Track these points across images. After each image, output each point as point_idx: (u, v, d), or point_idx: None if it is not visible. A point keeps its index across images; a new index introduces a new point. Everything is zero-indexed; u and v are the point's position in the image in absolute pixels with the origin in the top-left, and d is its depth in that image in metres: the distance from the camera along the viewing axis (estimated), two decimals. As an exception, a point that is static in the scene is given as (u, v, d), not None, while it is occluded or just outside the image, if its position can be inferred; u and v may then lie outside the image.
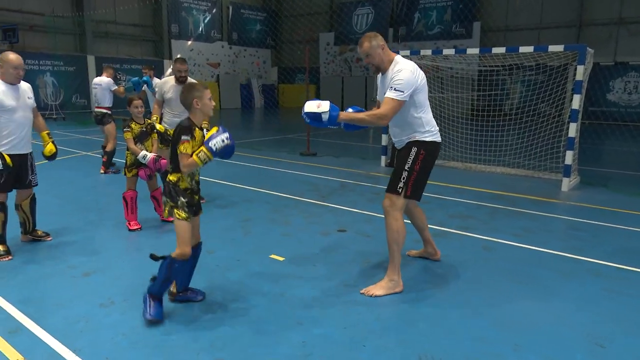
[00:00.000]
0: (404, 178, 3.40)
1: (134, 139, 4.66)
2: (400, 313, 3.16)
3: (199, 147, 2.91)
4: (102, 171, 7.56)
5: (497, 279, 3.70)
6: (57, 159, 4.51)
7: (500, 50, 7.34)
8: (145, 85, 7.23)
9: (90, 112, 19.01)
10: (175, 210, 2.96)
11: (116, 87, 7.96)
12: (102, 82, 7.90)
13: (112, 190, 6.45)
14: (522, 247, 4.43)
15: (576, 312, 3.18)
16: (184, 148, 2.89)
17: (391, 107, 3.25)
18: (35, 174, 4.28)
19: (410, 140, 3.46)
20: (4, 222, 4.03)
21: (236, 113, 23.04)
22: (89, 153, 9.54)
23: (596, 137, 12.69)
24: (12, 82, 3.94)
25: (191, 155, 2.89)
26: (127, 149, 4.71)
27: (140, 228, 4.74)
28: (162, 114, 5.59)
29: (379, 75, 3.55)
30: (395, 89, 3.23)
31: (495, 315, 3.11)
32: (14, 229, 4.29)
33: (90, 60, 20.07)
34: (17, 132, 3.99)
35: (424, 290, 3.49)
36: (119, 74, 7.87)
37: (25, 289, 3.39)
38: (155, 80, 7.26)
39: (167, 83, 5.60)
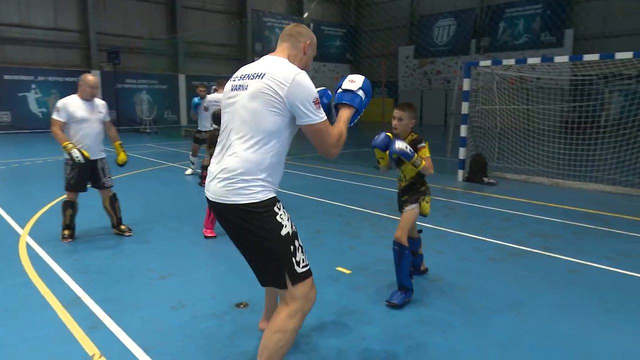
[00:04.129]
0: None
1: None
2: (473, 338, 2.96)
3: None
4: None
5: (584, 306, 3.35)
6: (148, 169, 4.95)
7: (594, 57, 6.78)
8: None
9: (181, 127, 20.35)
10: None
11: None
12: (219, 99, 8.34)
13: (191, 199, 6.80)
14: (615, 271, 3.99)
15: (679, 348, 2.78)
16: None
17: None
18: (109, 177, 4.89)
19: None
20: (72, 215, 4.74)
21: (314, 127, 23.39)
22: (175, 164, 10.17)
23: None
24: (87, 99, 4.68)
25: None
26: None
27: (215, 236, 4.93)
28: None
29: None
30: None
31: (582, 346, 2.81)
32: (88, 223, 4.65)
33: (181, 79, 21.58)
34: (85, 140, 4.66)
35: (500, 314, 3.25)
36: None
37: (108, 289, 3.64)
38: (208, 97, 7.98)
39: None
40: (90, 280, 3.79)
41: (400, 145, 3.23)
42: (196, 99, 8.12)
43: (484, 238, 4.89)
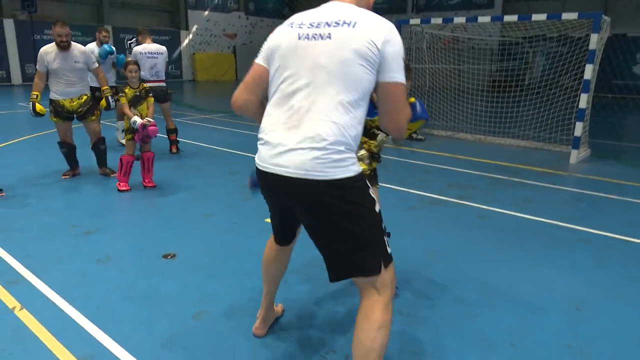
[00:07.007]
0: None
1: (128, 103, 4.81)
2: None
3: None
4: (174, 150, 6.81)
5: (485, 246, 3.72)
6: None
7: (512, 18, 7.14)
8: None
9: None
10: None
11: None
12: (160, 50, 6.57)
13: (116, 154, 6.60)
14: (517, 216, 4.42)
15: (561, 278, 3.20)
16: None
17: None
18: None
19: None
20: None
21: (252, 85, 22.97)
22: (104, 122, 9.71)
23: (619, 110, 12.32)
24: None
25: None
26: (124, 115, 4.87)
27: (129, 190, 4.96)
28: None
29: None
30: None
31: (478, 279, 3.15)
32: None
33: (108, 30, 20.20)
34: None
35: (414, 254, 3.54)
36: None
37: (30, 246, 3.56)
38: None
39: (48, 53, 4.91)
40: (10, 238, 3.69)
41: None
42: (107, 46, 6.53)
43: (407, 189, 5.19)
